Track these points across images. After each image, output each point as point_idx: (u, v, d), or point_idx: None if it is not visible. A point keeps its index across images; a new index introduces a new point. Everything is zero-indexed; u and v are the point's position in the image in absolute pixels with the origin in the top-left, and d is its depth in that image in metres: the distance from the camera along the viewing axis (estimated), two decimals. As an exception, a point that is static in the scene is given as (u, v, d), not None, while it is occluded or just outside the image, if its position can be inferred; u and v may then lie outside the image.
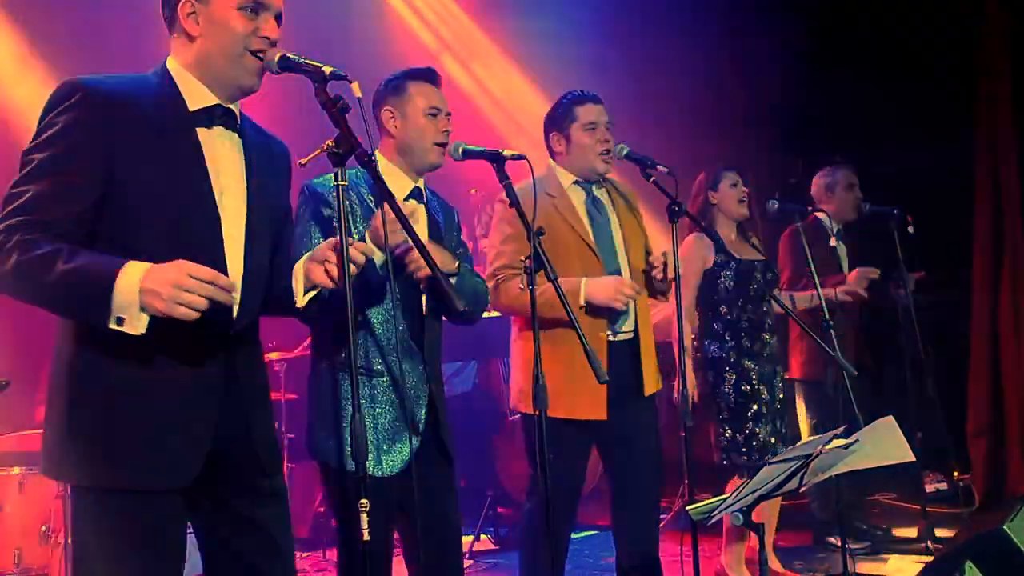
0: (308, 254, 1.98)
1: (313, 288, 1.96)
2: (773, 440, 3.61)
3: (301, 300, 1.97)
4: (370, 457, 2.32)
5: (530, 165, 2.52)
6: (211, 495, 1.89)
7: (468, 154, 2.56)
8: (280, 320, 2.54)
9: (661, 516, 5.36)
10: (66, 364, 1.80)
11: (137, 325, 1.65)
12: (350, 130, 1.88)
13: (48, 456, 1.82)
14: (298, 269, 1.97)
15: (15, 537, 3.64)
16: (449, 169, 2.67)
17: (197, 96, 1.88)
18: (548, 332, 2.78)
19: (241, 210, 1.90)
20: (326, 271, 1.90)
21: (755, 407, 3.60)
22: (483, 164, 2.56)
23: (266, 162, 1.99)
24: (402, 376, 2.40)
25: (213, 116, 1.89)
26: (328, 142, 1.89)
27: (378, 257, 2.20)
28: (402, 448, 2.40)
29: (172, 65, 1.90)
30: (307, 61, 1.88)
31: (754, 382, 3.63)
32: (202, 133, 1.87)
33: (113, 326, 1.65)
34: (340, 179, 1.88)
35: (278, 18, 1.90)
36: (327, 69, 1.86)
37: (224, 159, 1.89)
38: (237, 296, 1.86)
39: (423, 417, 2.44)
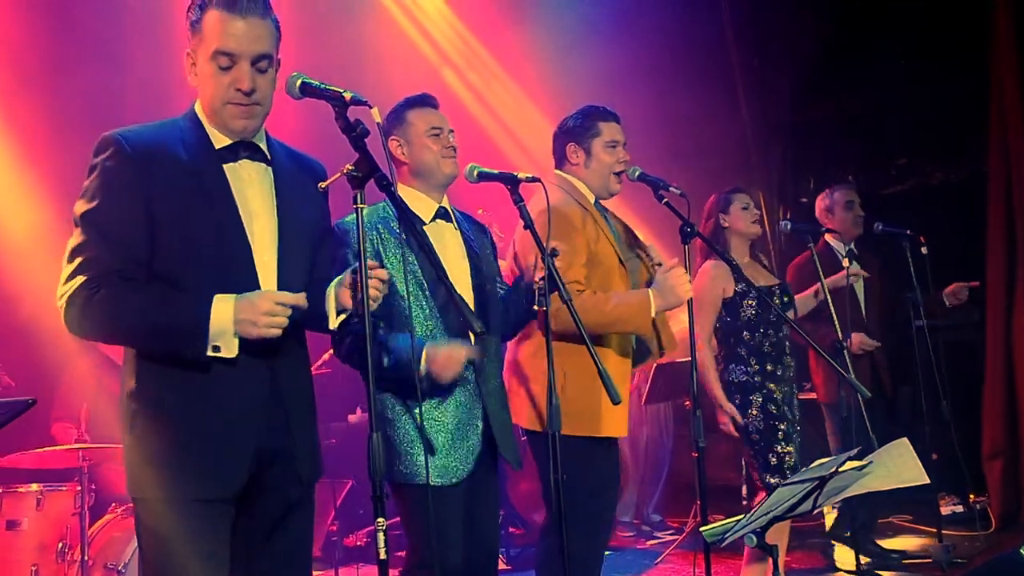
0: (337, 279, 2.06)
1: (344, 311, 2.05)
2: (799, 459, 3.62)
3: (334, 322, 2.06)
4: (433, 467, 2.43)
5: (544, 188, 2.55)
6: (244, 501, 1.99)
7: (483, 176, 2.59)
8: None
9: (674, 536, 5.39)
10: (128, 393, 1.97)
11: (232, 349, 1.88)
12: (369, 154, 1.92)
13: (126, 474, 1.99)
14: (330, 292, 2.06)
15: (32, 553, 3.65)
16: (455, 191, 2.72)
17: (220, 135, 2.00)
18: (577, 347, 2.80)
19: (273, 235, 2.00)
20: (352, 295, 2.00)
21: (783, 428, 3.61)
22: (489, 186, 2.61)
23: (298, 185, 2.08)
24: (463, 391, 2.49)
25: (238, 151, 2.00)
26: (348, 166, 1.93)
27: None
28: (457, 461, 2.48)
29: (198, 108, 2.02)
30: (328, 87, 1.93)
31: (780, 403, 3.64)
32: (229, 168, 1.99)
33: (211, 354, 1.87)
34: (360, 201, 1.92)
35: (259, 61, 1.94)
36: (347, 95, 1.91)
37: (252, 189, 2.00)
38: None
39: (479, 431, 2.53)
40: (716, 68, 6.71)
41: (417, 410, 2.44)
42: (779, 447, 3.58)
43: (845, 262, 4.11)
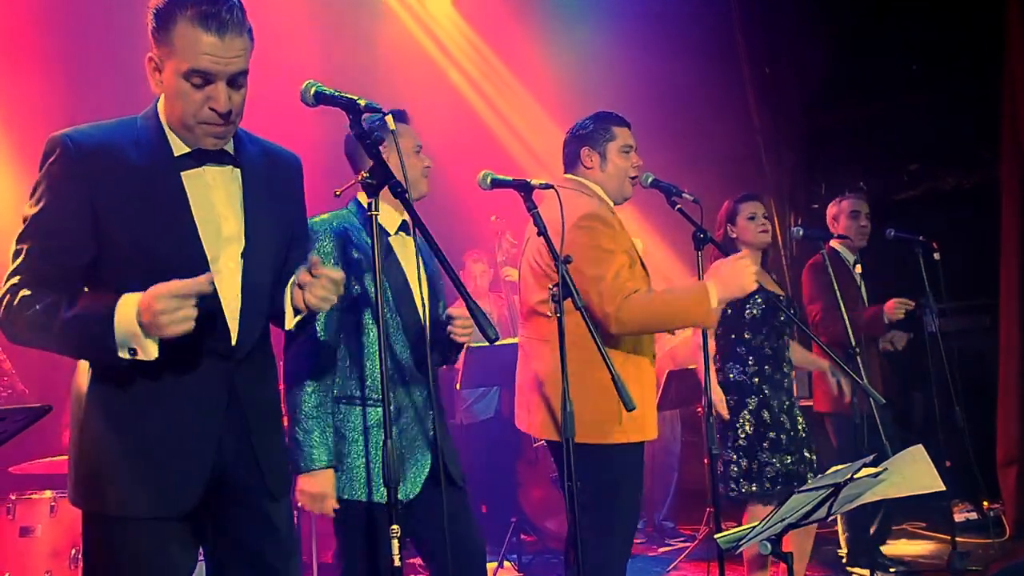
0: (292, 278, 1.94)
1: (299, 312, 1.95)
2: (801, 469, 3.57)
3: (290, 322, 1.97)
4: (376, 486, 2.40)
5: (558, 195, 2.55)
6: (215, 520, 1.92)
7: (496, 183, 2.59)
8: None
9: (686, 544, 5.37)
10: (76, 397, 1.89)
11: (149, 351, 1.71)
12: (384, 162, 1.93)
13: (69, 483, 1.91)
14: (287, 291, 1.95)
15: (45, 560, 3.67)
16: (466, 197, 2.72)
17: (180, 143, 1.87)
18: (622, 354, 2.82)
19: (240, 239, 1.90)
20: (304, 297, 1.88)
21: (772, 435, 3.55)
22: (500, 193, 2.62)
23: (271, 183, 1.97)
24: (410, 404, 2.47)
25: (201, 158, 1.87)
26: (363, 173, 1.94)
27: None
28: (414, 475, 2.47)
29: (161, 109, 1.88)
30: (342, 94, 1.93)
31: (775, 411, 3.59)
32: (189, 175, 1.86)
33: (126, 356, 1.72)
34: (374, 209, 1.92)
35: (235, 79, 1.80)
36: (362, 102, 1.91)
37: (218, 193, 1.89)
38: (235, 323, 1.89)
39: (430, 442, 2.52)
40: (727, 75, 6.71)
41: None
42: (763, 455, 3.52)
43: (858, 268, 4.09)
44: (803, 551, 3.72)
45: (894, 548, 4.80)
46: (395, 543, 1.84)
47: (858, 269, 4.16)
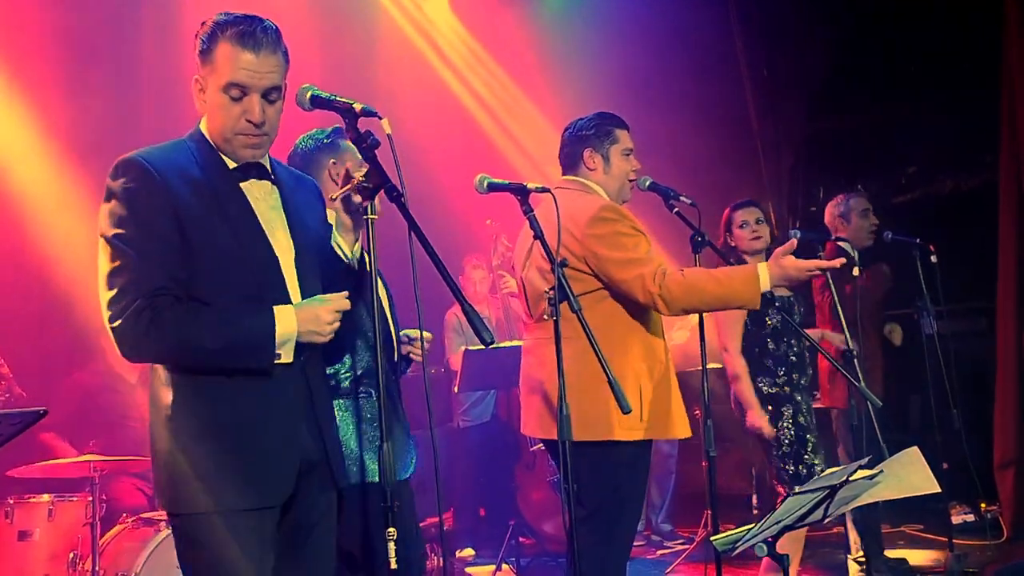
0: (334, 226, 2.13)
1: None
2: (825, 467, 3.61)
3: (351, 253, 2.16)
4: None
5: (555, 198, 2.56)
6: (287, 507, 2.01)
7: (493, 187, 2.60)
8: None
9: (684, 546, 5.37)
10: (165, 406, 1.94)
11: (290, 356, 1.94)
12: (380, 165, 1.94)
13: (162, 489, 1.97)
14: (335, 239, 2.14)
15: (43, 564, 3.67)
16: (461, 201, 2.72)
17: (228, 159, 2.03)
18: (641, 351, 2.83)
19: (289, 248, 2.04)
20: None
21: (811, 439, 3.61)
22: (495, 196, 2.62)
23: (301, 200, 2.13)
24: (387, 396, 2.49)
25: (248, 171, 2.04)
26: (359, 176, 1.94)
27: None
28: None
29: (204, 130, 2.04)
30: (338, 98, 1.96)
31: (807, 414, 3.64)
32: (244, 186, 2.03)
33: (276, 361, 1.92)
34: (371, 213, 1.93)
35: (269, 93, 1.97)
36: (358, 106, 1.94)
37: (264, 206, 2.04)
38: None
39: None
40: (726, 78, 6.72)
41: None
42: (808, 458, 3.59)
43: (856, 271, 4.09)
44: (795, 553, 3.73)
45: (891, 551, 4.80)
46: (391, 545, 1.84)
47: (856, 271, 4.15)
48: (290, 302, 2.00)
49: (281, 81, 1.99)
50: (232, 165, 2.02)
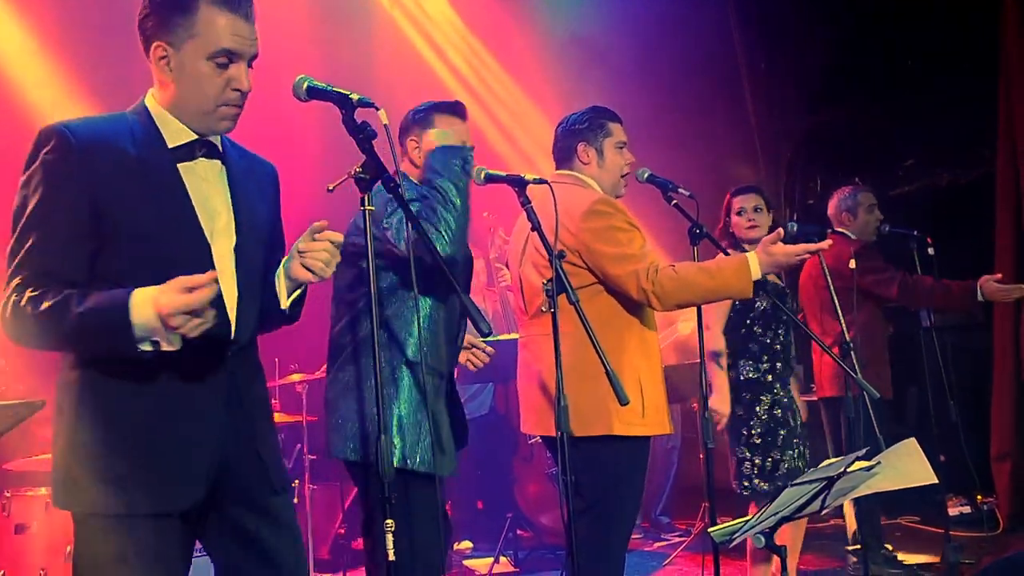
0: (285, 258, 1.94)
1: (297, 288, 1.95)
2: (800, 465, 3.58)
3: (285, 301, 1.95)
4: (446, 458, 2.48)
5: (552, 190, 2.55)
6: (219, 514, 1.90)
7: (490, 179, 2.59)
8: (302, 342, 2.50)
9: (682, 538, 5.38)
10: (68, 391, 1.83)
11: (173, 341, 1.69)
12: (376, 156, 1.92)
13: (55, 484, 1.84)
14: (279, 273, 1.95)
15: (40, 557, 3.67)
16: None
17: (175, 133, 1.88)
18: (638, 346, 2.82)
19: (230, 234, 1.91)
20: (303, 264, 1.86)
21: (783, 433, 3.56)
22: (492, 188, 2.61)
23: (252, 184, 1.99)
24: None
25: (193, 150, 1.89)
26: (355, 167, 1.94)
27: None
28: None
29: (151, 104, 1.90)
30: (334, 89, 1.93)
31: (785, 407, 3.60)
32: (183, 167, 1.88)
33: (147, 348, 1.69)
34: (367, 204, 1.92)
35: (252, 61, 1.88)
36: (354, 96, 1.91)
37: (209, 188, 1.90)
38: (233, 314, 1.89)
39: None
40: (723, 71, 6.71)
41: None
42: (776, 453, 3.53)
43: (851, 263, 4.09)
44: (795, 544, 3.73)
45: (887, 543, 4.81)
46: (389, 537, 1.84)
47: (852, 264, 4.14)
48: (220, 295, 1.79)
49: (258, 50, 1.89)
50: (176, 142, 1.87)
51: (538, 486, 5.40)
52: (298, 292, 1.96)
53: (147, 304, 1.66)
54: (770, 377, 3.59)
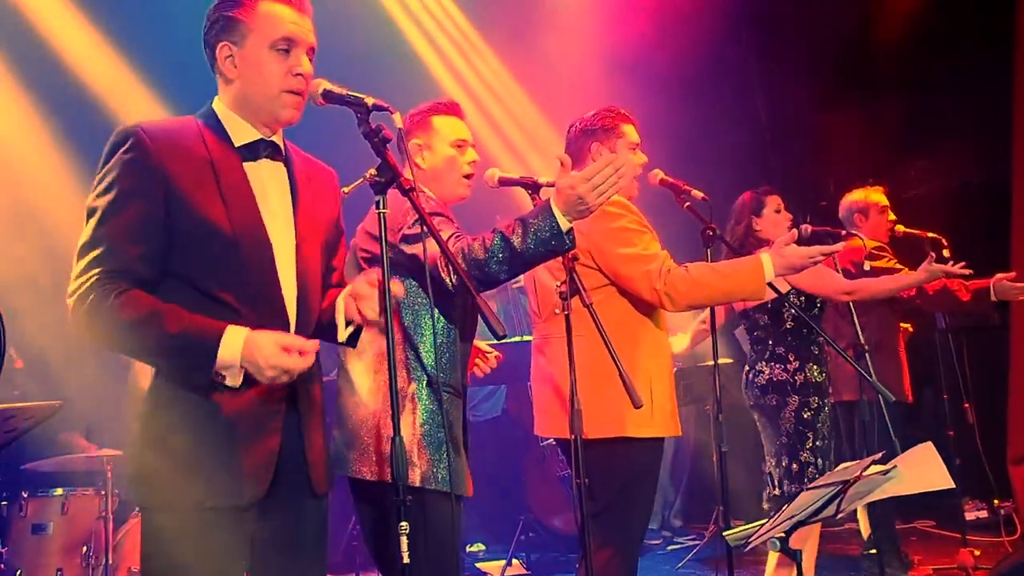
0: (346, 289, 2.03)
1: (351, 323, 2.03)
2: (827, 469, 3.57)
3: (343, 335, 2.04)
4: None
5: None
6: (262, 511, 1.93)
7: (504, 182, 2.59)
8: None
9: (696, 541, 5.37)
10: (140, 391, 1.89)
11: (236, 381, 1.83)
12: (391, 160, 1.93)
13: (129, 480, 1.91)
14: (339, 303, 2.04)
15: (57, 557, 3.70)
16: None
17: (241, 133, 1.97)
18: (650, 347, 2.80)
19: (290, 235, 1.97)
20: (359, 309, 1.97)
21: (811, 436, 3.56)
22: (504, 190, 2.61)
23: (313, 188, 2.06)
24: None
25: (258, 150, 1.98)
26: (371, 171, 1.94)
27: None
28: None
29: (218, 106, 2.00)
30: (350, 93, 1.95)
31: (815, 411, 3.59)
32: (249, 167, 1.95)
33: (212, 380, 1.82)
34: (382, 207, 1.92)
35: (311, 52, 1.98)
36: (370, 100, 1.93)
37: (271, 189, 1.97)
38: (293, 316, 1.95)
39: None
40: (734, 71, 6.69)
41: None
42: (804, 455, 3.53)
43: (867, 264, 4.07)
44: (811, 549, 3.71)
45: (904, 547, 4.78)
46: (404, 540, 1.84)
47: (867, 266, 4.12)
48: (280, 295, 1.92)
49: (315, 43, 2.01)
50: (242, 141, 1.96)
51: (551, 488, 5.40)
52: (354, 327, 2.05)
53: (236, 344, 1.79)
54: (798, 377, 3.59)
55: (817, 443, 3.53)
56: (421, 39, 6.56)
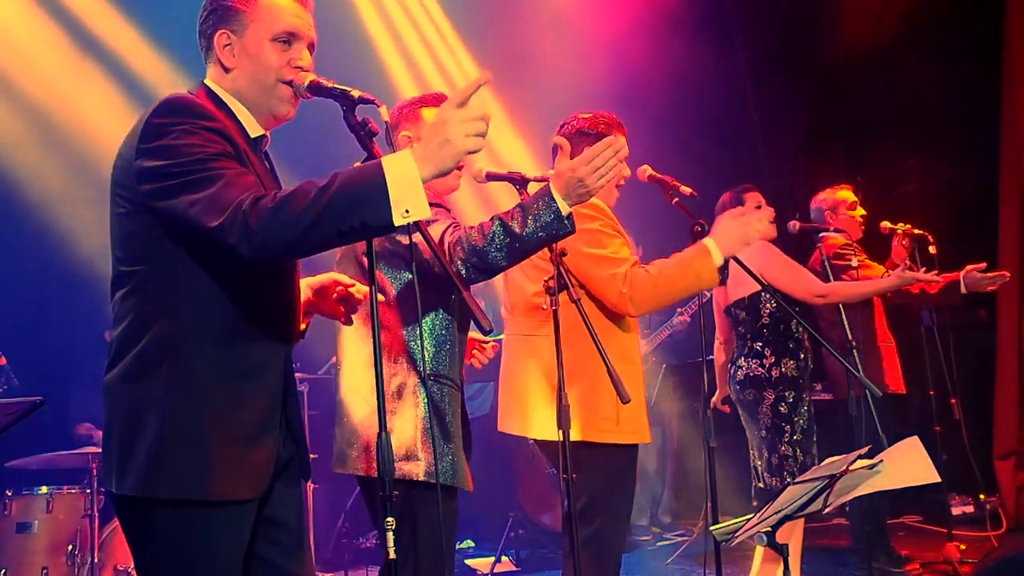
0: (307, 281, 2.04)
1: (308, 313, 2.04)
2: (800, 465, 3.60)
3: (300, 326, 2.05)
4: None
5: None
6: (260, 500, 1.93)
7: (491, 177, 2.58)
8: (303, 342, 2.48)
9: (684, 537, 5.37)
10: (153, 382, 1.81)
11: (424, 208, 1.67)
12: (377, 153, 1.91)
13: (141, 472, 1.79)
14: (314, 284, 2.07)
15: (42, 556, 3.67)
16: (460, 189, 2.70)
17: (250, 124, 1.96)
18: (617, 352, 2.72)
19: None
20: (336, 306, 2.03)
21: (788, 430, 3.59)
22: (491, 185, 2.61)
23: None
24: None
25: (260, 145, 1.99)
26: (356, 165, 1.93)
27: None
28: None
29: (221, 92, 1.95)
30: (337, 86, 1.92)
31: (792, 404, 3.62)
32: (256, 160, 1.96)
33: (401, 222, 1.66)
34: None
35: (311, 48, 1.97)
36: (356, 93, 1.90)
37: (268, 185, 1.95)
38: (298, 308, 2.00)
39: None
40: (726, 68, 6.70)
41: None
42: (783, 448, 3.55)
43: (854, 261, 4.08)
44: (796, 543, 3.73)
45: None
46: (390, 535, 1.83)
47: (854, 263, 4.14)
48: (296, 288, 1.95)
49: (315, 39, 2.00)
50: (254, 134, 1.95)
51: (539, 486, 5.40)
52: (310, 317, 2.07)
53: (402, 159, 1.67)
54: (775, 372, 3.61)
55: (795, 436, 3.56)
56: (412, 32, 6.54)
